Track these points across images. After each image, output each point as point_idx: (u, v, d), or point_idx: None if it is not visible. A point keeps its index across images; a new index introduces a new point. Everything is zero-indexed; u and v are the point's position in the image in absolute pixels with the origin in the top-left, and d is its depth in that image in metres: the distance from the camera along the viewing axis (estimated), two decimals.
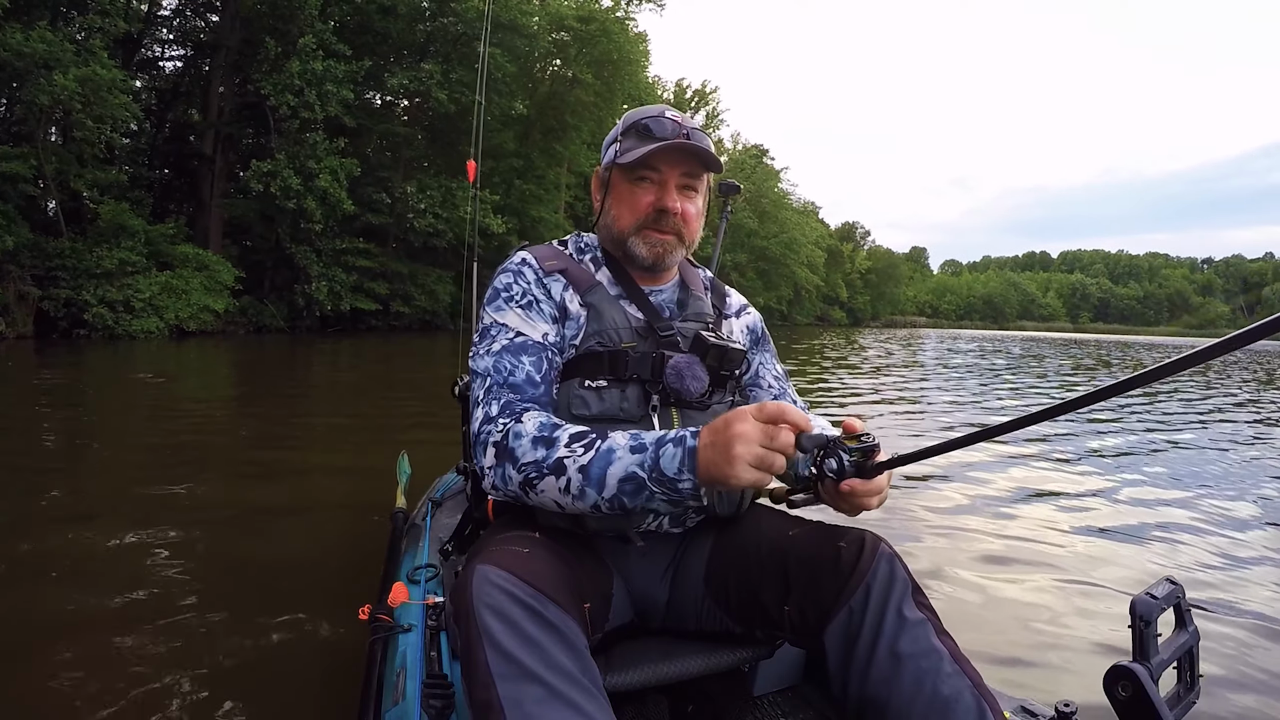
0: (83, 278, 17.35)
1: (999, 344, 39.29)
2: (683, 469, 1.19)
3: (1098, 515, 4.48)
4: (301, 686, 2.18)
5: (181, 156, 26.20)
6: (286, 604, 2.73)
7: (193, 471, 4.86)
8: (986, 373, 16.86)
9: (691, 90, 58.41)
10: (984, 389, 12.89)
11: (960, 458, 5.82)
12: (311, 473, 5.07)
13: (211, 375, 12.03)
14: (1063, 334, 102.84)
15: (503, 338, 1.46)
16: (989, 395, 11.87)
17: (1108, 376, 16.08)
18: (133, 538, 3.37)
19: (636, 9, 35.61)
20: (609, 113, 34.30)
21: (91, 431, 6.28)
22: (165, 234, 19.80)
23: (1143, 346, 46.89)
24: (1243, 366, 24.28)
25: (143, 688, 2.08)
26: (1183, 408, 10.81)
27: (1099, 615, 2.93)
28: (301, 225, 22.76)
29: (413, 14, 26.47)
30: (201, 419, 7.16)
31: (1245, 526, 4.35)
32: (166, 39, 26.60)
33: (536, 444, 1.29)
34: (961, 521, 4.22)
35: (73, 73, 15.85)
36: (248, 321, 22.50)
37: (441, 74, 25.77)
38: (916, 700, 1.11)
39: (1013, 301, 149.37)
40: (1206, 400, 12.11)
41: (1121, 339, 76.99)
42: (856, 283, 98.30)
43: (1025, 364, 21.06)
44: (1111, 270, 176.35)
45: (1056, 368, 20.24)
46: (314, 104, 22.05)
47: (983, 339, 51.04)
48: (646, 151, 1.47)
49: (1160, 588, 1.27)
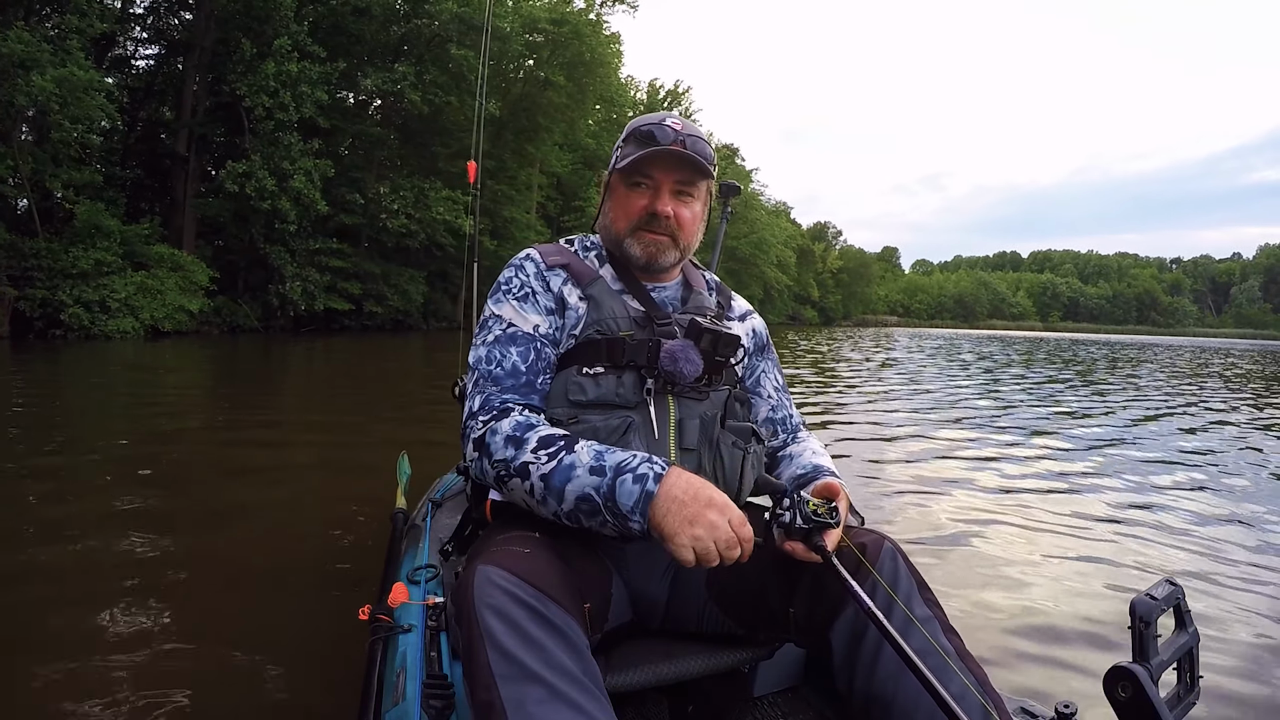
0: (58, 278, 17.41)
1: (949, 341, 39.47)
2: (636, 509, 1.21)
3: (1097, 515, 4.46)
4: (301, 687, 2.18)
5: (154, 155, 26.01)
6: (286, 604, 2.76)
7: (186, 472, 4.84)
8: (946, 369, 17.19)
9: (665, 90, 58.48)
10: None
11: (960, 458, 6.05)
12: (310, 472, 5.05)
13: (193, 375, 12.02)
14: (1031, 332, 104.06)
15: (496, 329, 1.51)
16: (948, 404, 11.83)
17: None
18: (125, 541, 3.33)
19: (609, 11, 35.90)
20: (581, 114, 34.64)
21: (75, 432, 6.17)
22: (140, 234, 19.80)
23: (1099, 344, 47.14)
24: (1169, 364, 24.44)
25: (142, 689, 2.08)
26: (1175, 405, 11.11)
27: (1099, 616, 2.93)
28: (276, 225, 22.89)
29: (386, 15, 26.61)
30: (190, 419, 7.21)
31: (1246, 526, 4.34)
32: (139, 37, 26.39)
33: (508, 443, 1.34)
34: (961, 521, 4.22)
35: (50, 73, 15.86)
36: (222, 321, 22.58)
37: (415, 75, 26.06)
38: (922, 698, 1.10)
39: (983, 301, 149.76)
40: (1194, 399, 12.34)
41: (1088, 337, 77.33)
42: (828, 282, 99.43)
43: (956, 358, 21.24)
44: (1081, 270, 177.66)
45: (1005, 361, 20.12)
46: (289, 105, 22.22)
47: (942, 337, 51.20)
48: (639, 157, 1.52)
49: (1160, 588, 1.28)
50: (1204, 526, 4.31)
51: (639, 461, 1.25)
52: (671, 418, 1.47)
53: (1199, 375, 19.04)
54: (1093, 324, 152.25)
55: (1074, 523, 4.30)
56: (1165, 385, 15.16)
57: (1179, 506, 4.76)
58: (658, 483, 1.21)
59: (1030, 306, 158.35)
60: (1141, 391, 13.51)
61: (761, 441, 1.62)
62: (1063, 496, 4.97)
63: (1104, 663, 1.21)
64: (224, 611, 2.67)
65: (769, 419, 1.75)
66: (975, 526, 4.15)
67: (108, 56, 24.44)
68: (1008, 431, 7.82)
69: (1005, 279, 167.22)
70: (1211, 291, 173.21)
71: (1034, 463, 6.11)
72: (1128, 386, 14.52)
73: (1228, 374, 20.03)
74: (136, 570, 3.00)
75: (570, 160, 38.92)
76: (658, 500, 1.19)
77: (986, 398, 11.38)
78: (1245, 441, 7.79)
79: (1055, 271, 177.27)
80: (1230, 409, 10.91)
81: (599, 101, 37.62)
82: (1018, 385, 13.78)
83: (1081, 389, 13.55)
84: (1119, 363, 24.00)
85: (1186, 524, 4.34)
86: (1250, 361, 29.97)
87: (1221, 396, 12.98)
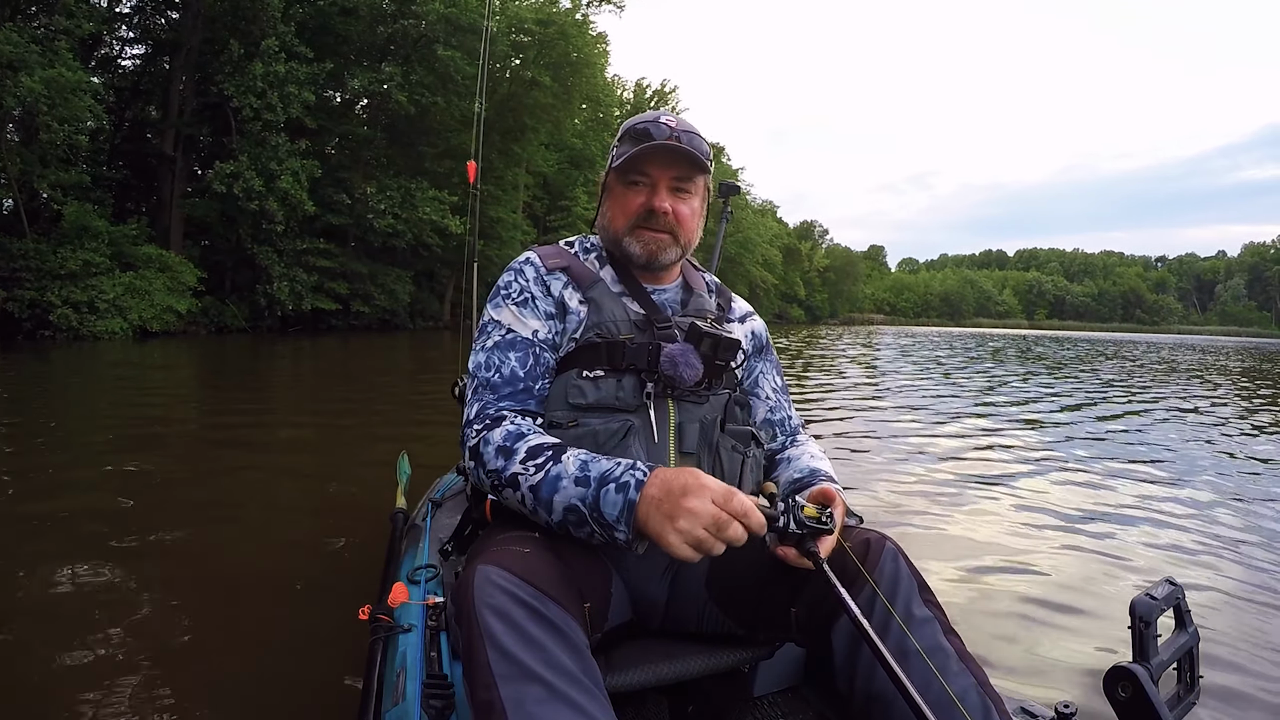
0: (47, 279, 17.43)
1: (927, 341, 39.36)
2: (620, 519, 1.20)
3: (1097, 516, 4.46)
4: (302, 686, 2.19)
5: (140, 155, 25.92)
6: (285, 604, 2.77)
7: (183, 472, 4.86)
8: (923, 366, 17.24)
9: (651, 90, 58.55)
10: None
11: (959, 458, 6.12)
12: (310, 472, 5.05)
13: (185, 374, 12.05)
14: (1017, 330, 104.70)
15: (495, 334, 1.51)
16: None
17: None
18: (123, 541, 3.34)
19: (596, 11, 35.97)
20: (567, 114, 34.59)
21: (74, 431, 6.21)
22: (128, 235, 19.84)
23: (1084, 342, 46.67)
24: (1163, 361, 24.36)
25: (141, 689, 2.09)
26: (1176, 409, 11.02)
27: (1099, 616, 2.93)
28: (264, 226, 22.90)
29: (374, 15, 26.63)
30: (185, 419, 7.29)
31: (1246, 527, 4.37)
32: (126, 36, 26.31)
33: (498, 454, 1.34)
34: (961, 521, 4.23)
35: (39, 74, 15.87)
36: (209, 322, 22.64)
37: (402, 76, 26.10)
38: (922, 698, 1.07)
39: (969, 299, 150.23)
40: (1199, 402, 12.31)
41: (1072, 335, 77.40)
42: (815, 281, 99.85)
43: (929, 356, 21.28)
44: (1067, 268, 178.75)
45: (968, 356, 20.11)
46: (276, 106, 22.21)
47: (921, 335, 51.05)
48: (634, 154, 1.52)
49: (1160, 589, 1.28)
50: (1215, 528, 4.31)
51: (622, 470, 1.24)
52: (671, 421, 1.48)
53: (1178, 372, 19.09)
54: (1078, 322, 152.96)
55: (1074, 522, 4.30)
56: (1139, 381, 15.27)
57: (1186, 507, 4.78)
58: (639, 490, 1.19)
59: (1016, 305, 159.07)
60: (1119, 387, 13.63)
61: (761, 445, 1.63)
62: (1061, 493, 5.02)
63: (1104, 663, 1.24)
64: (224, 611, 2.68)
65: (767, 420, 1.76)
66: (974, 525, 4.16)
67: (94, 55, 24.38)
68: (991, 418, 8.07)
69: (991, 277, 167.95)
70: (1197, 289, 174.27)
71: (1032, 463, 6.10)
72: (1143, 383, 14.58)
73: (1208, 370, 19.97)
74: (135, 570, 3.01)
75: (557, 160, 38.93)
76: (640, 506, 1.18)
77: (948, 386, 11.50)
78: (1241, 440, 7.90)
79: (1041, 270, 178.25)
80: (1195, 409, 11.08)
81: (585, 101, 37.60)
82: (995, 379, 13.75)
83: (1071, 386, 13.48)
84: (1102, 359, 24.02)
85: (1192, 524, 4.36)
86: (1232, 358, 30.18)
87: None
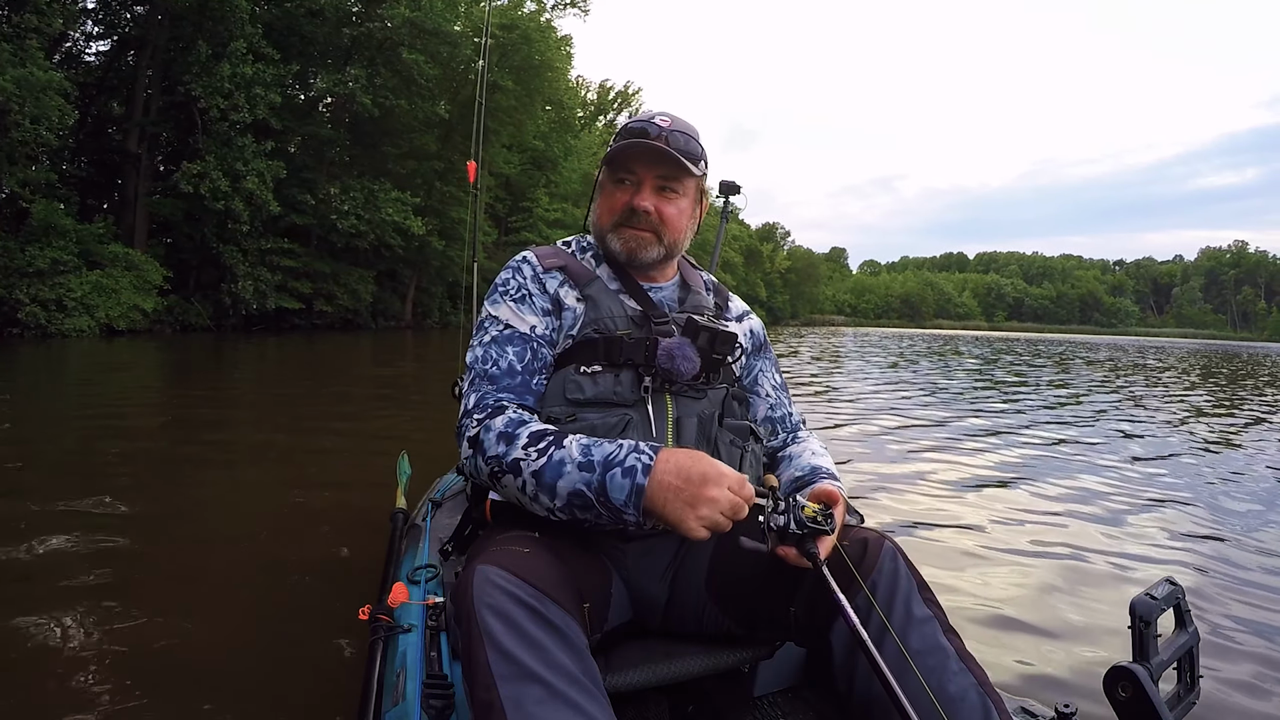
0: (15, 276, 17.54)
1: (873, 341, 39.24)
2: (629, 503, 1.21)
3: (1096, 516, 4.47)
4: (302, 687, 2.18)
5: (103, 152, 25.74)
6: (286, 604, 2.76)
7: (181, 472, 4.85)
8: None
9: (615, 91, 59.00)
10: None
11: (958, 457, 6.18)
12: (309, 472, 5.02)
13: (167, 374, 12.00)
14: (977, 331, 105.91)
15: (493, 329, 1.51)
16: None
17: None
18: (122, 541, 3.31)
19: (560, 14, 36.38)
20: (529, 116, 34.97)
21: (74, 431, 6.16)
22: (95, 233, 20.08)
23: (1046, 343, 47.34)
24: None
25: (140, 689, 2.07)
26: (1168, 407, 11.27)
27: (1099, 616, 2.92)
28: (229, 225, 23.06)
29: (339, 18, 26.88)
30: (179, 418, 7.29)
31: (1246, 526, 4.37)
32: (90, 31, 26.00)
33: (500, 440, 1.33)
34: (960, 522, 4.23)
35: (9, 74, 16.00)
36: (174, 320, 22.75)
37: (366, 78, 26.45)
38: (922, 698, 1.08)
39: (929, 301, 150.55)
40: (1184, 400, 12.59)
41: (1030, 336, 77.56)
42: (776, 282, 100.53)
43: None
44: (1026, 271, 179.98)
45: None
46: (243, 107, 22.36)
47: (874, 336, 50.96)
48: (619, 152, 1.54)
49: (1160, 588, 1.28)
50: (1215, 527, 4.34)
51: (626, 453, 1.25)
52: (669, 416, 1.48)
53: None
54: (1037, 324, 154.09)
55: (1074, 522, 4.32)
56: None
57: (1185, 506, 4.82)
58: (646, 474, 1.21)
59: (976, 307, 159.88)
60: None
61: (760, 440, 1.65)
62: (1059, 491, 5.07)
63: (1104, 662, 1.24)
64: (223, 612, 2.69)
65: (768, 417, 1.76)
66: (973, 525, 4.18)
67: (59, 49, 24.11)
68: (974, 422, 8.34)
69: (951, 279, 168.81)
70: (1154, 292, 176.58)
71: (1033, 463, 6.13)
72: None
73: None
74: (134, 570, 3.01)
75: (519, 161, 39.24)
76: (651, 491, 1.20)
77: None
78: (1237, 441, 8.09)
79: (1001, 272, 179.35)
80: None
81: (548, 104, 38.00)
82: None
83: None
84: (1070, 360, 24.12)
85: (1192, 523, 4.41)
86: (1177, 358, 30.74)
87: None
